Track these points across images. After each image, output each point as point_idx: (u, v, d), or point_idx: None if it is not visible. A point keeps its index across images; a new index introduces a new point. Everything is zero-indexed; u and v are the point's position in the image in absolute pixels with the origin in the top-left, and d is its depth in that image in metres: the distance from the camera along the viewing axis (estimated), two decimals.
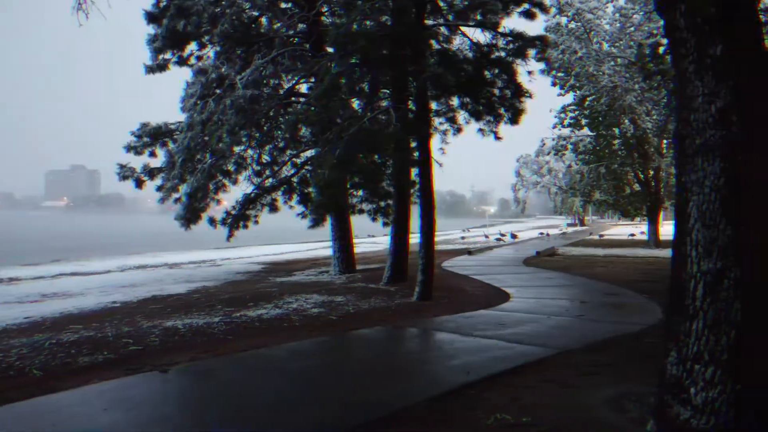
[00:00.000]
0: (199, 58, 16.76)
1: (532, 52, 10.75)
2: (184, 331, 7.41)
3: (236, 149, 16.10)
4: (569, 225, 64.96)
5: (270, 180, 17.58)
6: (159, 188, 17.29)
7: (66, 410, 4.36)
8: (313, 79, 15.81)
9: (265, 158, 17.85)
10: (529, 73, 11.06)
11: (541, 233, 42.76)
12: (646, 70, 14.15)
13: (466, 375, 5.19)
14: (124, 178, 17.54)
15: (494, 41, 10.98)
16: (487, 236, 38.69)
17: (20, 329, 8.16)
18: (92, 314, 9.49)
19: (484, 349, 6.25)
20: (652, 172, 24.51)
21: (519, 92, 11.04)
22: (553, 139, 30.39)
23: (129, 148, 17.27)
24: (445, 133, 14.13)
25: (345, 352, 6.76)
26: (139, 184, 17.79)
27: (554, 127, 26.54)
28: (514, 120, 11.38)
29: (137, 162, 17.56)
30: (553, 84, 24.20)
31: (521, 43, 10.62)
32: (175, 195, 16.73)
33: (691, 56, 3.45)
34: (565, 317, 8.58)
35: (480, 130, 12.03)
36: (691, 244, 3.41)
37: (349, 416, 4.24)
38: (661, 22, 3.85)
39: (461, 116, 12.93)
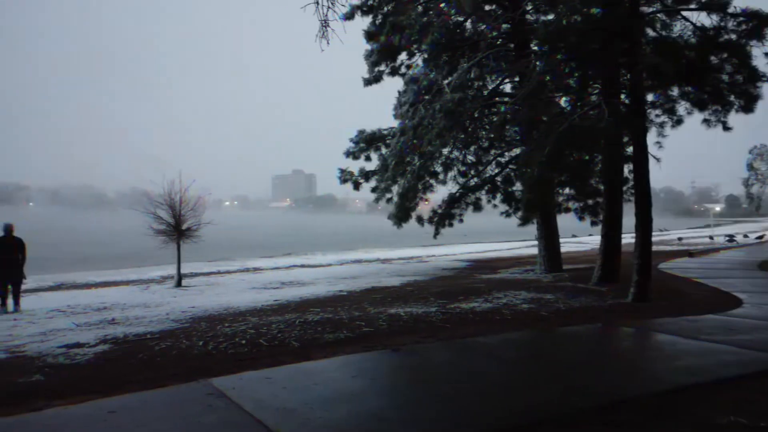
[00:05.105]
0: (408, 66, 17.90)
1: None
2: (406, 318, 8.21)
3: (443, 151, 16.82)
4: None
5: (474, 180, 18.10)
6: (374, 189, 18.84)
7: (323, 375, 5.27)
8: (516, 79, 15.92)
9: (470, 158, 18.38)
10: (767, 54, 9.86)
11: None
12: None
13: (692, 376, 5.04)
14: (344, 181, 19.53)
15: (722, 23, 10.03)
16: (711, 237, 34.74)
17: (273, 309, 9.74)
18: (326, 300, 10.88)
19: (711, 353, 5.93)
20: None
21: (753, 77, 9.94)
22: None
23: (348, 154, 19.08)
24: (662, 125, 13.25)
25: (558, 345, 6.90)
26: (356, 186, 19.64)
27: None
28: (747, 107, 10.28)
29: (346, 166, 19.47)
30: None
31: (757, 23, 9.55)
32: (388, 195, 18.14)
33: None
34: None
35: (705, 120, 11.11)
36: None
37: (574, 400, 4.45)
38: None
39: (682, 107, 12.05)
